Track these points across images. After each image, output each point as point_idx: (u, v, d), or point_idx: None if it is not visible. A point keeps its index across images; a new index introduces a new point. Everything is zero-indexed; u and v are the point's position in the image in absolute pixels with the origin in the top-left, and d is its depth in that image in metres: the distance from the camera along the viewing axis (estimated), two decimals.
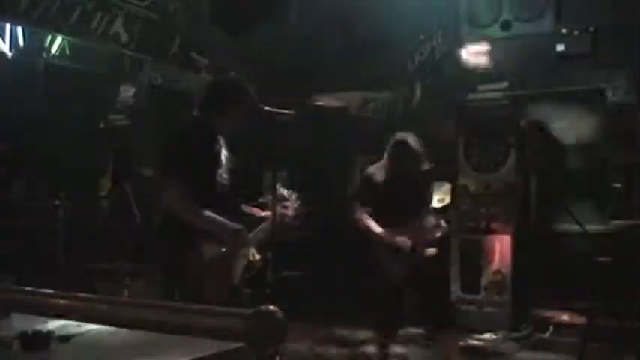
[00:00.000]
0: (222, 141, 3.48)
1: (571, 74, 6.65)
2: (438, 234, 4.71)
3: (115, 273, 6.26)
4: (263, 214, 3.56)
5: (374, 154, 5.05)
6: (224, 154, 3.47)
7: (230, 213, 3.35)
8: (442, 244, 4.93)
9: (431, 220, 4.75)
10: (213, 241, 3.25)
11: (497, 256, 6.60)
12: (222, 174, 3.42)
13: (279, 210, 3.52)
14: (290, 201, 3.62)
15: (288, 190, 3.66)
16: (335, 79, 7.63)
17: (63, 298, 1.91)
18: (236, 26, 6.87)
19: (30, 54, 6.35)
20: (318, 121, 7.62)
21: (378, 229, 4.57)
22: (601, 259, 5.05)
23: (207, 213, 3.24)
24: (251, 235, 3.44)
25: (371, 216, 4.62)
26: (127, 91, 7.40)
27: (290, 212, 3.58)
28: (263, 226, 3.48)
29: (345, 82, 7.65)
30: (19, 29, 6.15)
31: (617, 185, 6.27)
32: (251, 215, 3.57)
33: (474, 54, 6.99)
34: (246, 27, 6.90)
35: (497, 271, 6.60)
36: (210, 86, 3.64)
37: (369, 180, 4.73)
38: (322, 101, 7.92)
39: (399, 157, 4.60)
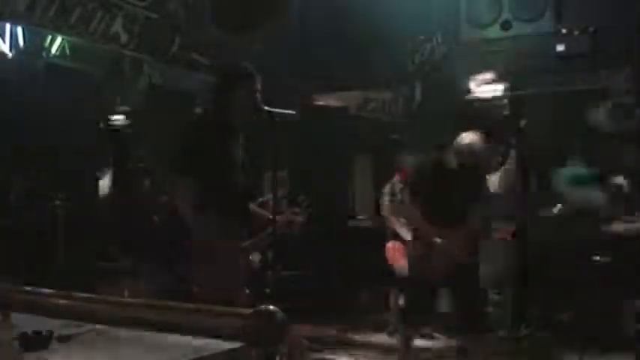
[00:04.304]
0: (241, 137, 3.46)
1: (571, 74, 6.65)
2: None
3: (115, 273, 6.26)
4: (271, 216, 3.54)
5: (374, 154, 5.03)
6: (241, 150, 3.45)
7: (239, 213, 3.35)
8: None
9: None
10: (214, 242, 3.25)
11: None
12: (237, 172, 3.41)
13: (290, 215, 3.54)
14: (301, 207, 3.62)
15: (299, 195, 3.66)
16: (335, 79, 7.63)
17: (63, 298, 1.91)
18: (236, 26, 6.87)
19: (30, 54, 6.35)
20: (318, 121, 7.61)
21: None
22: (601, 258, 5.05)
23: (205, 214, 3.22)
24: (252, 241, 3.42)
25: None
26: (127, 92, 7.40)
27: (300, 218, 3.58)
28: (268, 231, 3.45)
29: (345, 82, 7.65)
30: (19, 29, 6.14)
31: (616, 185, 6.26)
32: (260, 216, 3.56)
33: (474, 54, 6.99)
34: (246, 27, 6.89)
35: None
36: (221, 74, 3.66)
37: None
38: (322, 101, 7.91)
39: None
